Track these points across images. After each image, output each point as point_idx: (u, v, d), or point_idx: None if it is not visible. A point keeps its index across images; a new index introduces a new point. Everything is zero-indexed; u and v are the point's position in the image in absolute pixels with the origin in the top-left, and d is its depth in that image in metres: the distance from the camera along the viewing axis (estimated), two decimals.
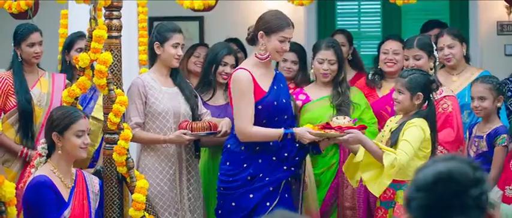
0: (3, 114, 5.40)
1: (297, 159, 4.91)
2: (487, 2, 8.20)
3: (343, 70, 5.63)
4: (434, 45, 5.56)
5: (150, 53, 5.22)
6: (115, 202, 4.78)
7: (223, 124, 5.07)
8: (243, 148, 4.85)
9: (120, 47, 4.80)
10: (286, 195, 4.87)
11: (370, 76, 5.92)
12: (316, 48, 5.68)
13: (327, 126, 4.74)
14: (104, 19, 4.78)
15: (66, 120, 4.26)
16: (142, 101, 5.07)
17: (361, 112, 5.51)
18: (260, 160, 4.84)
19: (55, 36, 6.18)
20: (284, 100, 4.90)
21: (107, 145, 4.77)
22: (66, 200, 4.23)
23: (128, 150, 4.72)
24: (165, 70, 5.18)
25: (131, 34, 5.78)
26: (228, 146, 4.92)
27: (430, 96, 4.77)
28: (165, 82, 5.17)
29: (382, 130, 5.03)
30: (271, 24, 4.84)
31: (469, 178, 2.14)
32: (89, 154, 5.04)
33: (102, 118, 4.89)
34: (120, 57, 4.80)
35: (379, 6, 9.02)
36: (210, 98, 5.60)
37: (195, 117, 5.19)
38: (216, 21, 8.64)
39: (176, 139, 5.02)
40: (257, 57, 4.90)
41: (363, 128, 4.76)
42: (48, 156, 4.32)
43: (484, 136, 5.17)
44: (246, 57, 6.49)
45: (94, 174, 4.73)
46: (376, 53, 6.10)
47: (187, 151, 5.18)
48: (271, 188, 4.83)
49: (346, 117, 4.85)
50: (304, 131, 4.76)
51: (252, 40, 4.95)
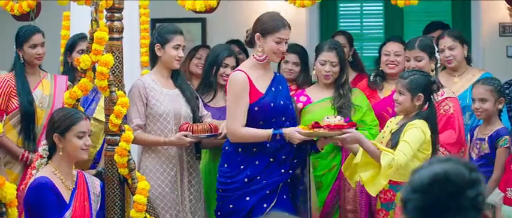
0: (5, 115, 5.42)
1: (296, 161, 4.90)
2: (490, 3, 8.19)
3: (345, 72, 5.61)
4: (435, 47, 5.56)
5: (150, 54, 5.23)
6: (116, 204, 4.78)
7: (224, 126, 5.06)
8: (240, 150, 4.85)
9: (122, 49, 4.81)
10: (284, 197, 4.85)
11: (371, 78, 5.92)
12: (318, 50, 5.68)
13: (316, 125, 4.72)
14: (105, 21, 4.79)
15: (67, 121, 4.27)
16: (144, 103, 5.07)
17: (362, 114, 5.50)
18: (257, 162, 4.83)
19: (57, 38, 6.18)
20: (282, 102, 4.88)
21: (109, 147, 4.77)
22: (67, 202, 4.23)
23: (129, 152, 4.72)
24: (166, 72, 5.19)
25: (133, 36, 5.78)
26: (226, 148, 4.92)
27: (431, 97, 4.75)
28: (165, 84, 5.17)
29: (382, 131, 5.02)
30: (267, 25, 4.84)
31: (465, 179, 2.14)
32: (90, 155, 5.05)
33: (103, 119, 4.89)
34: (122, 59, 4.81)
35: (381, 7, 9.00)
36: (211, 100, 5.60)
37: (196, 118, 5.20)
38: (218, 23, 8.64)
39: (177, 142, 5.03)
40: (255, 59, 4.90)
41: (352, 126, 4.73)
42: (49, 158, 4.32)
43: (486, 139, 5.17)
44: (247, 58, 6.49)
45: (95, 175, 4.73)
46: (378, 54, 6.10)
47: (189, 153, 5.18)
48: (268, 192, 4.82)
49: (337, 116, 4.83)
50: (293, 131, 4.74)
51: (250, 42, 4.96)
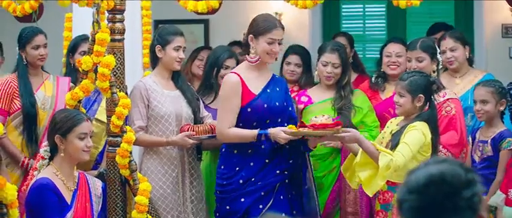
0: (7, 116, 5.43)
1: (291, 161, 4.89)
2: (492, 4, 8.19)
3: (348, 74, 5.61)
4: (438, 48, 5.56)
5: (151, 56, 5.24)
6: (118, 205, 4.78)
7: None
8: (235, 151, 4.85)
9: (123, 50, 4.81)
10: (281, 197, 4.84)
11: (373, 79, 5.91)
12: (321, 51, 5.68)
13: (302, 124, 4.70)
14: (107, 22, 4.78)
15: (68, 122, 4.27)
16: (145, 104, 5.08)
17: (363, 116, 5.50)
18: (252, 163, 4.83)
19: (59, 39, 6.17)
20: (277, 104, 4.86)
21: (110, 148, 4.77)
22: (69, 203, 4.23)
23: (131, 153, 4.73)
24: (167, 73, 5.19)
25: (135, 37, 5.78)
26: (223, 149, 4.93)
27: (431, 97, 4.73)
28: (166, 85, 5.18)
29: (382, 131, 5.01)
30: (259, 26, 4.84)
31: (461, 179, 2.14)
32: (92, 156, 5.05)
33: (105, 120, 4.88)
34: (123, 60, 4.81)
35: (384, 8, 9.00)
36: (212, 101, 5.60)
37: (197, 119, 5.20)
38: (221, 24, 8.64)
39: (180, 142, 5.03)
40: (248, 61, 4.91)
41: (338, 125, 4.68)
42: (51, 159, 4.32)
43: (489, 141, 5.15)
44: None
45: (97, 177, 4.75)
46: (380, 55, 6.10)
47: (190, 154, 5.19)
48: (263, 193, 4.81)
49: (325, 115, 4.81)
50: (279, 131, 4.71)
51: (247, 44, 4.97)
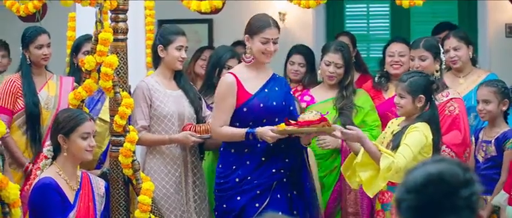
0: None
1: (288, 160, 4.87)
2: (496, 4, 8.18)
3: (350, 74, 5.61)
4: (441, 48, 5.55)
5: (153, 56, 5.24)
6: (121, 204, 4.79)
7: None
8: (233, 150, 4.85)
9: (126, 50, 4.81)
10: (278, 196, 4.83)
11: (376, 79, 5.92)
12: (324, 50, 5.69)
13: (288, 122, 4.67)
14: (110, 22, 4.80)
15: (71, 122, 4.27)
16: (148, 104, 5.08)
17: (364, 115, 5.51)
18: (248, 162, 4.82)
19: (63, 39, 6.19)
20: (274, 103, 4.85)
21: (113, 148, 4.78)
22: (72, 202, 4.24)
23: (134, 152, 4.73)
24: (169, 73, 5.19)
25: (138, 37, 5.80)
26: (221, 149, 4.94)
27: (432, 97, 4.72)
28: (169, 85, 5.18)
29: (383, 131, 5.00)
30: (253, 26, 4.85)
31: (459, 179, 2.14)
32: (95, 156, 5.07)
33: (109, 120, 4.89)
34: (126, 60, 4.81)
35: (388, 8, 9.01)
36: (214, 101, 5.60)
37: (199, 119, 5.21)
38: (225, 24, 8.64)
39: (182, 139, 5.03)
40: (243, 61, 4.92)
41: (322, 121, 4.63)
42: (54, 158, 4.33)
43: (492, 141, 5.14)
44: None
45: (100, 176, 4.75)
46: (382, 55, 6.11)
47: (193, 154, 5.19)
48: (259, 192, 4.80)
49: (313, 111, 4.79)
50: (266, 129, 4.69)
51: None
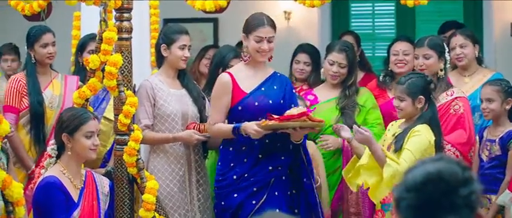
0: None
1: (283, 158, 4.86)
2: (502, 3, 8.17)
3: (354, 74, 5.60)
4: (446, 47, 5.54)
5: (157, 55, 5.23)
6: (126, 203, 4.80)
7: None
8: (231, 148, 4.86)
9: (131, 49, 4.82)
10: (276, 193, 4.83)
11: (381, 77, 5.92)
12: (329, 49, 5.68)
13: (270, 117, 4.64)
14: (114, 21, 4.81)
15: (75, 121, 4.28)
16: (151, 103, 5.08)
17: (366, 113, 5.51)
18: (245, 160, 4.82)
19: (68, 38, 6.21)
20: (271, 102, 4.83)
21: (118, 146, 4.79)
22: (76, 201, 4.24)
23: (139, 151, 4.74)
24: (173, 72, 5.20)
25: (143, 36, 5.81)
26: (220, 147, 4.95)
27: (430, 96, 4.72)
28: (172, 84, 5.18)
29: (384, 134, 5.00)
30: (248, 25, 4.87)
31: (458, 178, 2.15)
32: (100, 154, 5.07)
33: (113, 118, 4.88)
34: (131, 59, 4.82)
35: (393, 7, 8.99)
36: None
37: (203, 118, 5.21)
38: (230, 23, 8.61)
39: (186, 137, 5.04)
40: (242, 59, 4.93)
41: (303, 115, 4.60)
42: (58, 157, 4.33)
43: (497, 140, 5.12)
44: None
45: (105, 175, 4.75)
46: (387, 54, 6.10)
47: (196, 152, 5.20)
48: (255, 189, 4.80)
49: (300, 107, 4.77)
50: (250, 124, 4.68)
51: None
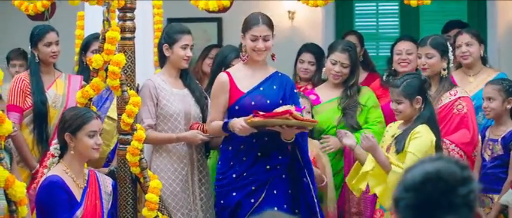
0: None
1: (281, 157, 4.86)
2: (506, 3, 8.16)
3: (356, 74, 5.60)
4: (450, 47, 5.53)
5: (159, 54, 5.24)
6: (129, 202, 4.81)
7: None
8: (230, 148, 4.87)
9: (134, 49, 4.83)
10: (274, 192, 4.83)
11: (384, 77, 5.91)
12: (331, 49, 5.67)
13: (256, 114, 4.64)
14: (118, 21, 4.81)
15: (78, 120, 4.28)
16: (154, 103, 5.09)
17: (367, 112, 5.52)
18: (245, 158, 4.84)
19: (71, 38, 6.21)
20: (268, 101, 4.82)
21: (121, 146, 4.79)
22: (79, 201, 4.24)
23: (142, 150, 4.74)
24: (175, 71, 5.20)
25: (146, 35, 5.80)
26: (221, 146, 4.97)
27: (426, 96, 4.73)
28: (175, 83, 5.18)
29: (383, 136, 5.00)
30: (244, 24, 4.90)
31: (457, 177, 2.14)
32: (103, 154, 5.08)
33: (117, 118, 4.89)
34: (134, 59, 4.82)
35: (397, 7, 8.99)
36: None
37: (205, 118, 5.19)
38: (234, 22, 8.56)
39: (190, 137, 5.04)
40: (241, 59, 4.93)
41: (286, 113, 4.58)
42: (61, 156, 4.34)
43: (499, 140, 5.11)
44: None
45: (108, 174, 4.76)
46: (390, 53, 6.10)
47: (199, 152, 5.20)
48: (253, 188, 4.81)
49: (289, 105, 4.73)
50: (237, 120, 4.68)
51: None
